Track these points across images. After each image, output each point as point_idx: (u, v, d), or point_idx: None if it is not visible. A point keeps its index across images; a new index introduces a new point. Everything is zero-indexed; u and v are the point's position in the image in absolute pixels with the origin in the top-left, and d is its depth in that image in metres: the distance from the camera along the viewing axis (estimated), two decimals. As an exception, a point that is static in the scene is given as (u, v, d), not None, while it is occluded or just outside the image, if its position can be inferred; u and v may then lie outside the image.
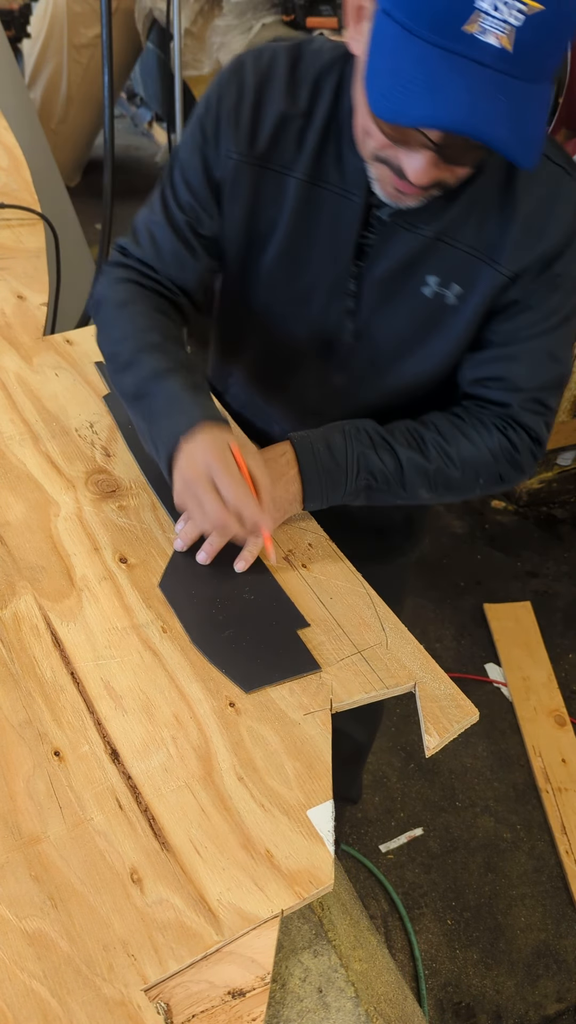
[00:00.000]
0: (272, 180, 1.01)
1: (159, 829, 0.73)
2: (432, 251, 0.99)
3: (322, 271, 1.04)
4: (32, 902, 0.68)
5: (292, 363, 1.14)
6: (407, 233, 0.98)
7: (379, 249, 1.00)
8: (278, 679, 0.85)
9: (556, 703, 2.13)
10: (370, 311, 1.05)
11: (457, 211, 0.96)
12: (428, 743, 0.83)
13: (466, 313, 1.01)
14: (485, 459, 1.04)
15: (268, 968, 0.67)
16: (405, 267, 1.01)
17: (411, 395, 1.11)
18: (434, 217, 0.97)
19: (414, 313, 1.03)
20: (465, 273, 0.99)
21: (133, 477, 1.09)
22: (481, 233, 0.97)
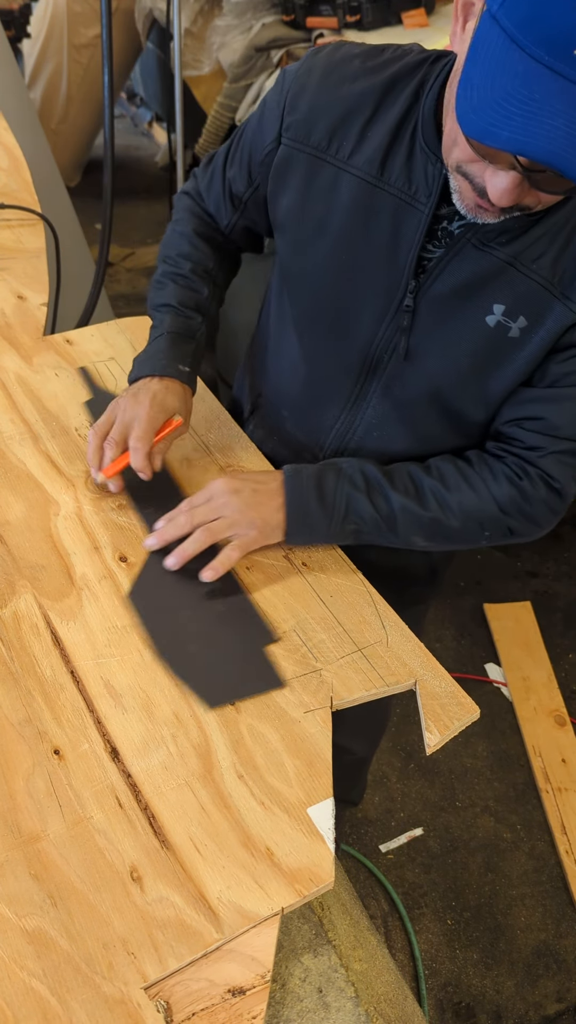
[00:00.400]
0: (327, 173, 0.96)
1: (159, 827, 0.73)
2: (502, 276, 0.91)
3: (377, 280, 0.96)
4: (32, 900, 0.68)
5: (332, 381, 1.07)
6: (477, 252, 0.91)
7: (443, 265, 0.93)
8: (243, 696, 0.84)
9: (556, 703, 2.12)
10: (425, 332, 0.97)
11: (536, 236, 0.89)
12: (429, 741, 0.83)
13: (528, 349, 0.94)
14: (490, 510, 0.98)
15: (268, 966, 0.67)
16: (470, 289, 0.93)
17: (454, 432, 1.04)
18: (512, 239, 0.90)
19: (473, 342, 0.95)
20: (534, 306, 0.91)
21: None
22: (558, 264, 0.90)
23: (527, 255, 0.90)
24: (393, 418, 1.05)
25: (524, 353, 0.94)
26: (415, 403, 1.02)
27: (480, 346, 0.95)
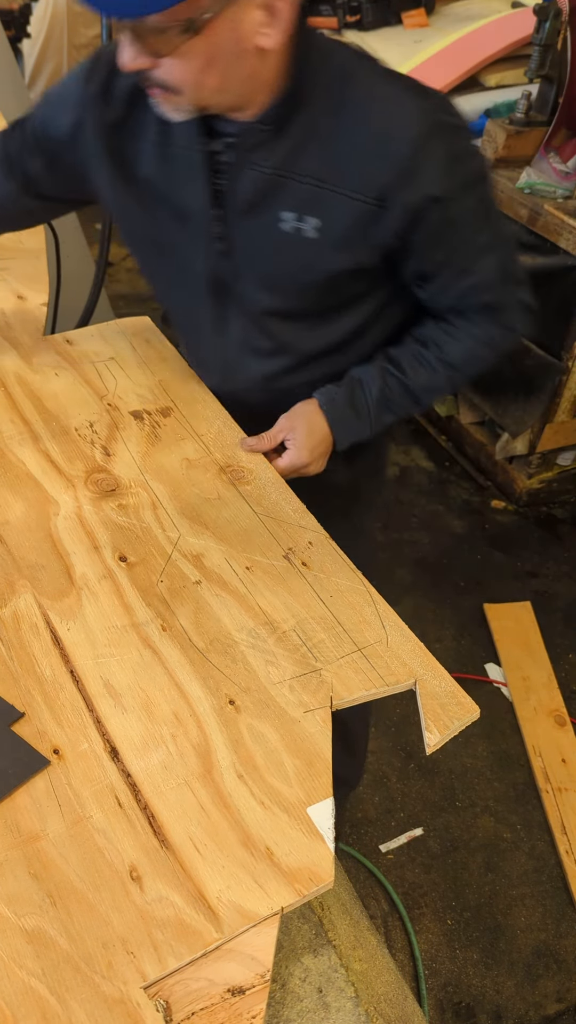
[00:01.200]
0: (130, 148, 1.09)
1: (158, 827, 0.73)
2: (278, 187, 1.03)
3: (195, 223, 1.10)
4: (31, 900, 0.68)
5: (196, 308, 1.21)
6: (250, 171, 1.03)
7: (230, 190, 1.06)
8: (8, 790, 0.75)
9: (556, 703, 2.12)
10: (242, 250, 1.10)
11: (292, 143, 1.01)
12: (429, 740, 0.83)
13: (330, 243, 1.05)
14: (482, 348, 1.17)
15: (268, 965, 0.67)
16: (257, 204, 1.05)
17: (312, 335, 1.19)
18: (270, 153, 1.02)
19: (281, 248, 1.08)
20: (317, 205, 1.03)
21: (133, 476, 1.09)
22: (324, 163, 1.01)
23: (289, 162, 1.02)
24: (252, 332, 1.19)
25: (330, 247, 1.06)
26: (264, 316, 1.16)
27: (288, 251, 1.08)
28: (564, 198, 2.26)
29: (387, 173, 1.00)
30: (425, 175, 1.00)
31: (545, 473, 2.68)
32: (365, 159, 1.00)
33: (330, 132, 1.00)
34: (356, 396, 1.17)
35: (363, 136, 0.99)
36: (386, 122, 0.99)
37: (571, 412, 2.45)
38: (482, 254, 1.10)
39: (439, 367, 1.17)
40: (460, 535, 2.62)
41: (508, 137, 2.32)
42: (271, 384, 1.23)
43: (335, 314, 1.17)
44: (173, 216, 1.11)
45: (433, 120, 0.99)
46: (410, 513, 2.68)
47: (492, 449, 2.74)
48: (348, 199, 1.02)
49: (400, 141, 0.98)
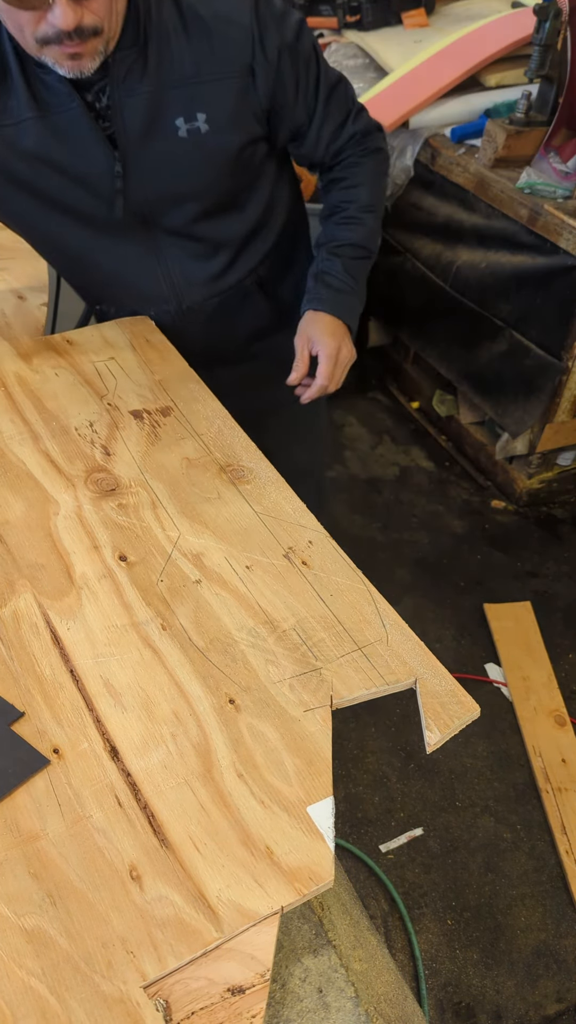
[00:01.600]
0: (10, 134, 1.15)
1: (158, 826, 0.73)
2: (161, 100, 1.14)
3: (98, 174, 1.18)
4: (31, 899, 0.68)
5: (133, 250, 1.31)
6: (131, 99, 1.13)
7: (121, 128, 1.15)
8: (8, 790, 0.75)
9: (556, 703, 2.12)
10: (150, 175, 1.20)
11: (154, 57, 1.12)
12: (429, 739, 0.83)
13: (222, 127, 1.18)
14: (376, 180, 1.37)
15: (268, 965, 0.66)
16: (149, 126, 1.15)
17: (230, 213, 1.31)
18: (142, 74, 1.12)
19: (184, 154, 1.19)
20: (198, 100, 1.15)
21: (133, 475, 1.09)
22: (186, 62, 1.13)
23: (162, 77, 1.13)
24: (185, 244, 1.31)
25: (223, 131, 1.19)
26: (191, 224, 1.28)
27: (192, 153, 1.19)
28: (564, 198, 2.26)
29: (242, 46, 1.15)
30: (268, 34, 1.16)
31: (545, 473, 2.68)
32: (217, 42, 1.14)
33: (180, 33, 1.13)
34: (330, 281, 1.32)
35: (209, 25, 1.13)
36: (222, 7, 1.14)
37: (571, 412, 2.45)
38: (332, 95, 1.27)
39: (361, 215, 1.34)
40: (460, 535, 2.62)
41: (508, 137, 2.32)
42: (219, 283, 1.38)
43: (245, 196, 1.31)
44: (72, 180, 1.19)
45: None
46: (410, 513, 2.68)
47: (492, 449, 2.74)
48: (220, 82, 1.16)
49: (241, 16, 1.14)
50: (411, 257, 2.72)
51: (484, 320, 2.46)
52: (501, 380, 2.52)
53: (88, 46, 1.04)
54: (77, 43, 1.02)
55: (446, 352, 2.70)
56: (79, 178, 1.19)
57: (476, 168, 2.41)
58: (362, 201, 1.35)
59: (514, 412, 2.50)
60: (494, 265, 2.39)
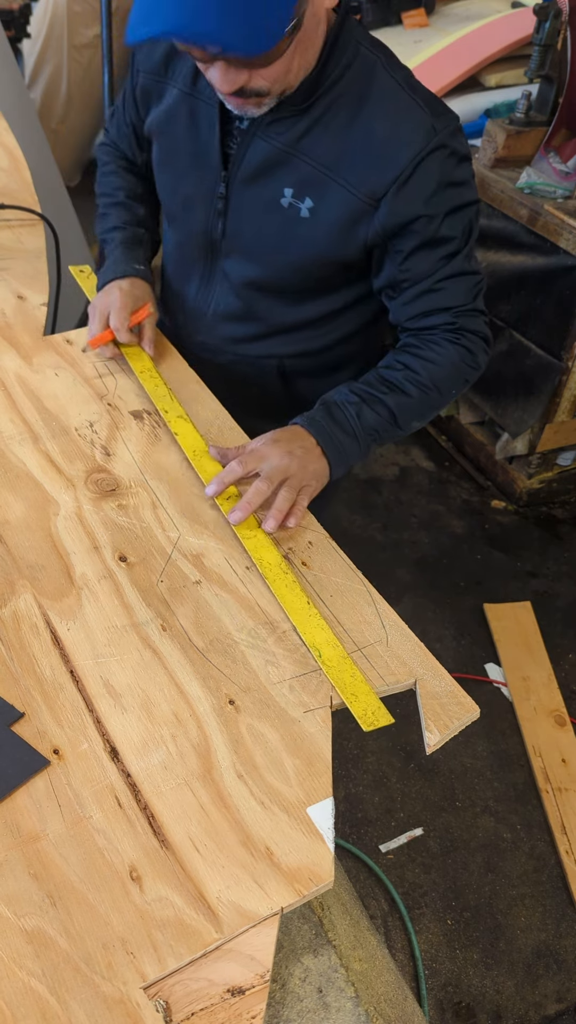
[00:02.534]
0: (168, 93, 1.18)
1: (158, 827, 0.73)
2: (286, 163, 1.10)
3: (202, 176, 1.18)
4: (31, 900, 0.68)
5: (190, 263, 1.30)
6: (262, 143, 1.10)
7: (240, 156, 1.13)
8: (8, 790, 0.75)
9: (556, 703, 2.12)
10: (237, 214, 1.17)
11: (307, 124, 1.07)
12: (429, 740, 0.83)
13: (320, 227, 1.12)
14: (451, 373, 1.18)
15: (267, 966, 0.67)
16: (262, 175, 1.12)
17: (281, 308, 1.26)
18: (287, 129, 1.08)
19: (273, 220, 1.15)
20: (316, 188, 1.10)
21: (133, 476, 1.09)
22: (331, 151, 1.07)
23: (303, 143, 1.08)
24: (230, 294, 1.27)
25: (317, 231, 1.13)
26: (241, 279, 1.24)
27: (280, 225, 1.14)
28: (564, 198, 2.26)
29: (385, 177, 1.06)
30: (418, 189, 1.06)
31: (545, 473, 2.68)
32: (369, 158, 1.06)
33: (344, 124, 1.06)
34: (334, 412, 1.12)
35: (373, 136, 1.05)
36: (396, 129, 1.05)
37: (571, 412, 2.45)
38: (454, 277, 1.14)
39: (409, 385, 1.16)
40: (460, 535, 2.62)
41: (508, 137, 2.32)
42: (239, 347, 1.33)
43: (308, 297, 1.24)
44: (186, 165, 1.19)
45: (438, 141, 1.05)
46: (410, 513, 2.68)
47: (492, 449, 2.74)
48: (345, 190, 1.08)
49: (403, 151, 1.04)
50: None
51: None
52: (501, 380, 2.52)
53: (251, 102, 1.01)
54: (239, 100, 1.01)
55: (446, 352, 2.70)
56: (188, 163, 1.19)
57: (476, 168, 2.41)
58: (418, 375, 1.16)
59: (514, 412, 2.50)
60: (494, 265, 2.39)
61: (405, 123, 1.04)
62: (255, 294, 1.25)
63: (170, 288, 1.38)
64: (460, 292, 1.15)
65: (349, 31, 1.06)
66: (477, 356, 1.19)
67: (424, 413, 1.19)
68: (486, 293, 1.22)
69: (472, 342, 1.17)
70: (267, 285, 1.23)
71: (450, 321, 1.16)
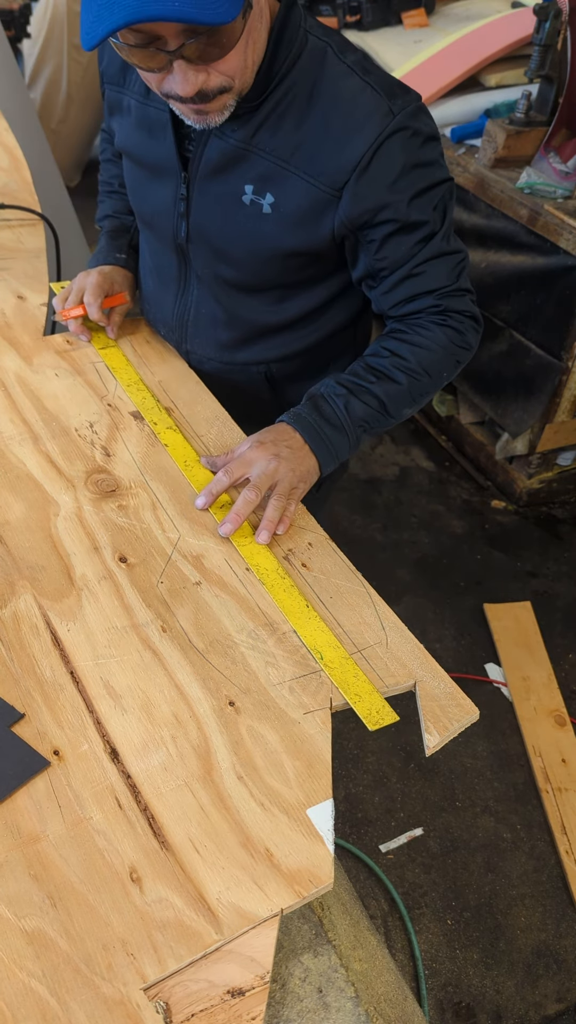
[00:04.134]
0: (126, 103, 1.18)
1: (158, 828, 0.73)
2: (243, 159, 1.07)
3: (164, 181, 1.17)
4: (31, 901, 0.68)
5: (165, 270, 1.29)
6: (218, 141, 1.08)
7: (197, 156, 1.11)
8: (8, 791, 0.75)
9: (556, 703, 2.12)
10: (200, 213, 1.15)
11: (261, 119, 1.04)
12: (428, 742, 0.83)
13: (284, 220, 1.09)
14: (441, 356, 1.15)
15: (267, 967, 0.67)
16: (221, 173, 1.10)
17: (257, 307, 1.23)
18: (241, 126, 1.05)
19: (236, 218, 1.12)
20: (275, 183, 1.07)
21: (133, 476, 1.09)
22: (287, 143, 1.04)
23: (258, 139, 1.05)
24: (208, 298, 1.25)
25: (281, 225, 1.10)
26: (216, 284, 1.22)
27: (243, 223, 1.12)
28: (564, 198, 2.26)
29: (344, 166, 1.02)
30: (380, 175, 1.02)
31: (545, 473, 2.68)
32: (326, 148, 1.03)
33: (299, 115, 1.03)
34: (321, 407, 1.11)
35: (328, 125, 1.02)
36: (351, 115, 1.01)
37: (571, 412, 2.45)
38: (433, 260, 1.11)
39: (396, 372, 1.13)
40: (460, 535, 2.62)
41: (508, 137, 2.32)
42: (225, 354, 1.29)
43: (288, 294, 1.21)
44: (148, 173, 1.19)
45: (397, 123, 1.01)
46: (410, 513, 2.68)
47: (492, 449, 2.74)
48: (305, 182, 1.05)
49: (360, 137, 1.01)
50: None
51: (484, 320, 2.46)
52: (501, 380, 2.52)
53: (215, 103, 0.97)
54: (201, 104, 0.97)
55: (446, 352, 2.70)
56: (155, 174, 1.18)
57: (476, 168, 2.41)
58: (406, 360, 1.13)
59: (514, 412, 2.50)
60: (494, 265, 2.39)
61: (360, 108, 1.01)
62: (234, 296, 1.22)
63: (151, 300, 1.36)
64: (442, 273, 1.12)
65: (295, 20, 1.01)
66: (467, 336, 1.16)
67: (415, 399, 1.16)
68: (486, 293, 1.20)
69: (460, 322, 1.15)
70: (243, 284, 1.20)
71: (435, 303, 1.13)
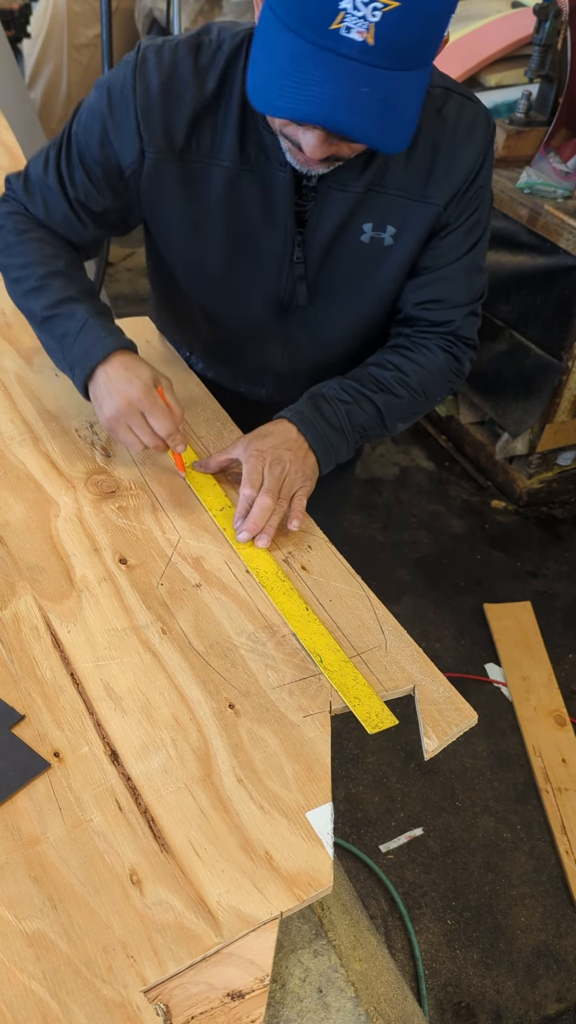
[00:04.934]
0: (198, 173, 1.06)
1: (158, 830, 0.74)
2: (364, 203, 1.06)
3: (269, 246, 1.10)
4: (31, 903, 0.68)
5: (253, 331, 1.22)
6: (339, 193, 1.05)
7: (317, 214, 1.07)
8: (8, 793, 0.75)
9: (556, 703, 2.13)
10: (317, 270, 1.13)
11: (379, 163, 1.04)
12: (427, 746, 0.83)
13: (404, 249, 1.10)
14: (438, 379, 1.19)
15: (267, 970, 0.67)
16: (344, 224, 1.08)
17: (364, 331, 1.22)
18: (361, 173, 1.04)
19: (357, 260, 1.11)
20: (396, 214, 1.07)
21: (133, 478, 1.09)
22: (405, 175, 1.05)
23: (377, 179, 1.05)
24: (322, 348, 1.23)
25: (401, 254, 1.11)
26: (327, 327, 1.20)
27: (363, 261, 1.11)
28: (564, 198, 2.26)
29: (454, 182, 1.06)
30: (473, 189, 1.08)
31: (545, 473, 2.68)
32: (441, 168, 1.05)
33: (411, 146, 1.03)
34: (322, 407, 1.11)
35: (438, 146, 1.04)
36: (457, 131, 1.04)
37: (571, 412, 2.45)
38: (465, 274, 1.15)
39: (398, 387, 1.15)
40: (460, 535, 2.62)
41: (508, 137, 2.32)
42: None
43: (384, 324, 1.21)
44: (243, 241, 1.10)
45: (487, 140, 1.08)
46: (410, 513, 2.68)
47: (492, 449, 2.74)
48: (422, 204, 1.07)
49: (474, 150, 1.06)
50: (411, 257, 2.72)
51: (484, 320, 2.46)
52: (501, 380, 2.52)
53: (326, 164, 0.97)
54: (317, 163, 0.96)
55: (446, 352, 2.70)
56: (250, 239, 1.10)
57: (476, 168, 2.41)
58: (408, 377, 1.16)
59: (514, 412, 2.50)
60: (494, 265, 2.39)
61: (465, 121, 1.04)
62: (351, 338, 1.22)
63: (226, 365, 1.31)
64: (469, 289, 1.16)
65: None
66: (463, 365, 1.21)
67: (409, 416, 1.19)
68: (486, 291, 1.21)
69: (462, 351, 1.19)
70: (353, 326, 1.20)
71: (450, 320, 1.16)
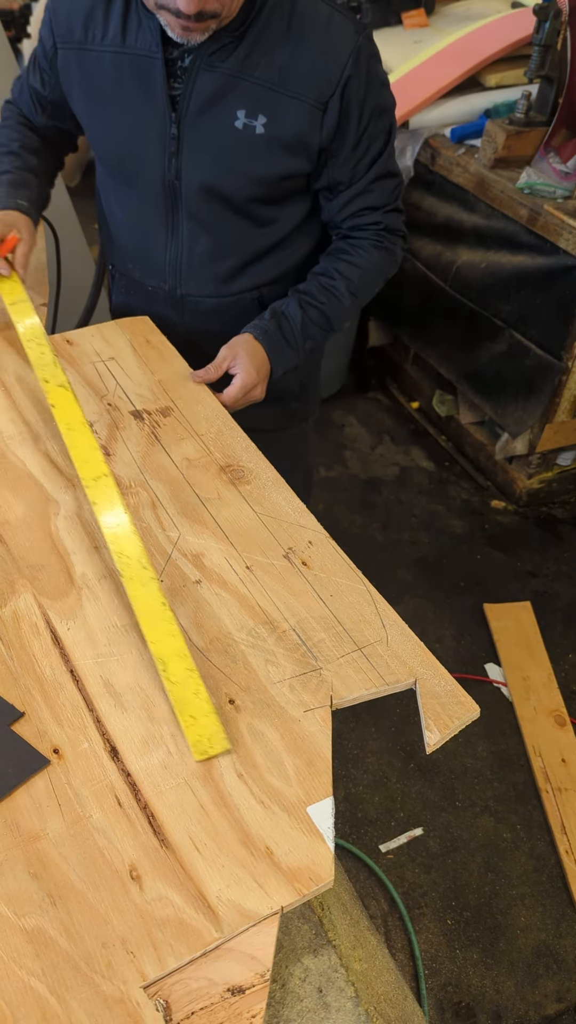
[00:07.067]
0: (92, 60, 1.22)
1: (158, 826, 0.73)
2: (234, 87, 1.18)
3: (151, 126, 1.23)
4: (31, 899, 0.68)
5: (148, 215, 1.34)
6: (207, 73, 1.17)
7: (187, 92, 1.19)
8: (8, 790, 0.75)
9: (556, 703, 2.12)
10: (193, 149, 1.23)
11: (247, 49, 1.16)
12: (429, 739, 0.83)
13: (277, 140, 1.20)
14: (376, 275, 1.39)
15: (268, 965, 0.67)
16: (213, 105, 1.19)
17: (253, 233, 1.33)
18: (228, 56, 1.16)
19: (231, 144, 1.21)
20: (267, 104, 1.18)
21: (133, 476, 1.09)
22: (273, 67, 1.16)
23: (246, 66, 1.16)
24: (200, 234, 1.33)
25: (276, 144, 1.21)
26: (208, 213, 1.30)
27: (238, 147, 1.21)
28: (564, 198, 2.26)
29: (330, 79, 1.16)
30: (356, 87, 1.18)
31: (545, 473, 2.68)
32: (312, 66, 1.16)
33: (281, 41, 1.15)
34: (283, 326, 1.31)
35: (308, 45, 1.16)
36: (328, 35, 1.16)
37: (571, 412, 2.45)
38: (381, 179, 1.29)
39: (345, 293, 1.34)
40: (460, 535, 2.62)
41: (508, 137, 2.32)
42: (222, 287, 1.39)
43: (271, 213, 1.32)
44: (130, 123, 1.24)
45: (362, 40, 1.19)
46: (410, 513, 2.68)
47: (492, 449, 2.74)
48: (296, 101, 1.17)
49: (339, 53, 1.16)
50: (411, 257, 2.72)
51: (484, 320, 2.46)
52: (501, 380, 2.52)
53: (202, 24, 1.08)
54: (193, 23, 1.07)
55: (446, 352, 2.70)
56: (134, 123, 1.23)
57: (476, 168, 2.41)
58: (353, 282, 1.34)
59: (514, 412, 2.50)
60: (494, 265, 2.39)
61: (334, 27, 1.17)
62: (228, 224, 1.31)
63: (135, 258, 1.42)
64: (386, 192, 1.32)
65: None
66: (395, 254, 1.38)
67: (352, 315, 1.40)
68: (486, 293, 1.25)
69: (393, 242, 1.37)
70: (237, 210, 1.29)
71: (377, 221, 1.33)
